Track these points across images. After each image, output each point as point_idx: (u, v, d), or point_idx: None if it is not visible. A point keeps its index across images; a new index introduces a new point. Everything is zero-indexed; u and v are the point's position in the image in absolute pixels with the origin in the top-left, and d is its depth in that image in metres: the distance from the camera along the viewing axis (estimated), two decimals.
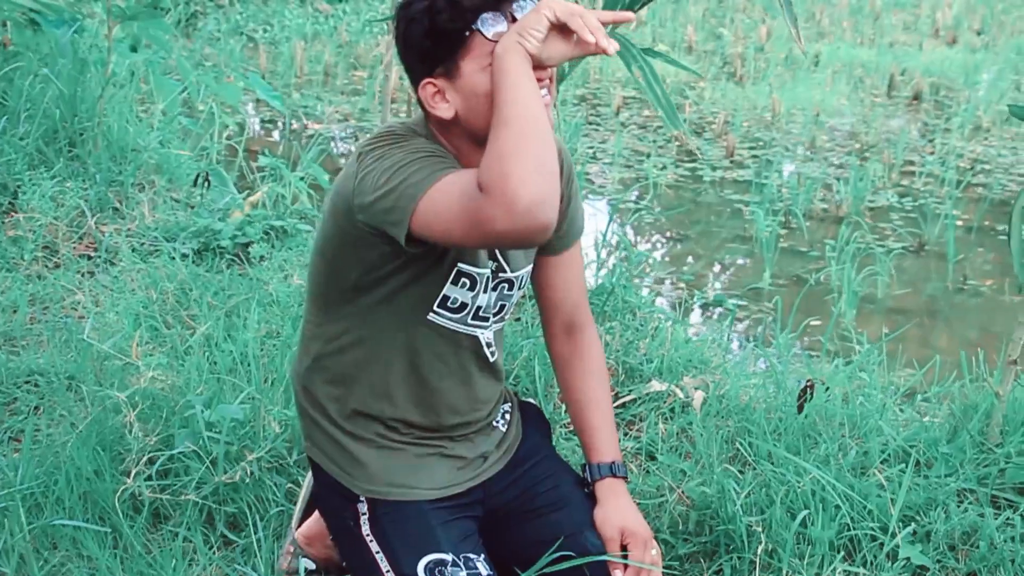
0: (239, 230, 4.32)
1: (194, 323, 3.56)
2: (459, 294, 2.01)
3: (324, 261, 2.07)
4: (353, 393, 2.10)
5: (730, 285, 5.66)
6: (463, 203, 1.68)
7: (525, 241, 1.67)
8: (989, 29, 13.12)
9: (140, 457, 2.77)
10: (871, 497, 2.51)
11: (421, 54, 1.88)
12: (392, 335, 2.04)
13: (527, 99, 1.71)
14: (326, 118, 8.72)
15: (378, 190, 1.80)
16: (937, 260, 6.08)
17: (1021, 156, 8.12)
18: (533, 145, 1.66)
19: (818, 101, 9.32)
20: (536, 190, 1.61)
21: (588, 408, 2.29)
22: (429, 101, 1.89)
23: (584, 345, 2.31)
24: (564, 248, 2.25)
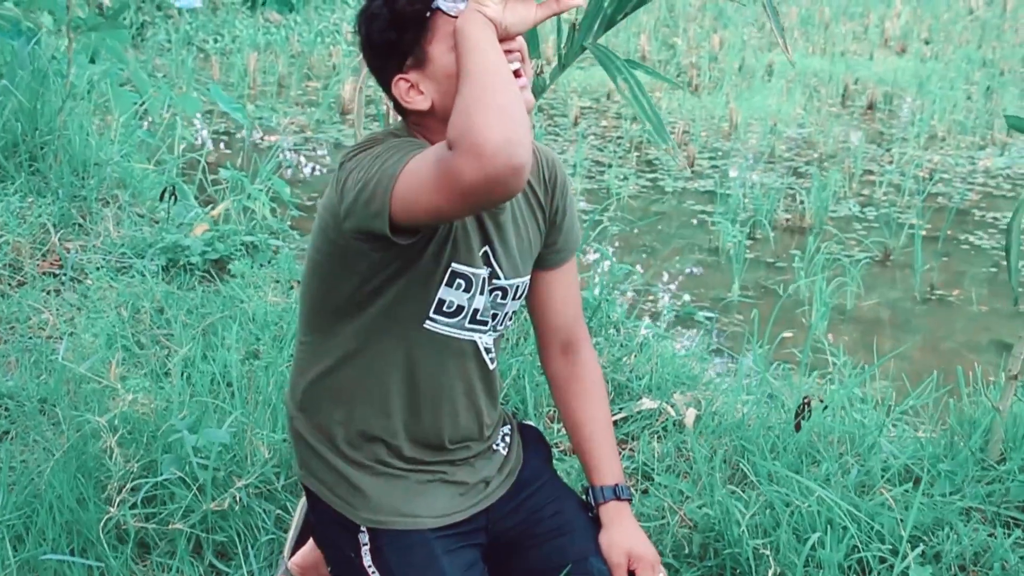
0: (209, 246, 4.23)
1: (170, 343, 3.46)
2: (455, 296, 1.96)
3: (317, 281, 2.01)
4: (353, 413, 2.03)
5: (699, 297, 5.64)
6: (436, 167, 1.63)
7: (500, 188, 1.58)
8: (936, 39, 13.27)
9: (123, 484, 2.68)
10: (877, 517, 2.48)
11: (387, 49, 1.85)
12: (389, 347, 1.98)
13: (487, 55, 1.68)
14: (282, 129, 8.61)
15: (357, 185, 1.75)
16: (903, 270, 6.10)
17: (977, 165, 8.20)
18: (496, 94, 1.61)
19: (774, 111, 9.36)
20: (501, 131, 1.56)
21: (589, 429, 2.24)
22: (404, 97, 1.86)
23: (582, 364, 2.26)
24: (561, 262, 2.20)
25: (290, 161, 7.93)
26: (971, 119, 9.38)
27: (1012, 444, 2.74)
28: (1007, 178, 7.94)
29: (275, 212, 5.34)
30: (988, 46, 12.84)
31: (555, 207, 2.15)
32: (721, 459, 2.83)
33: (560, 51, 3.56)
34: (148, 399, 2.89)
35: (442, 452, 2.08)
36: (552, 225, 2.15)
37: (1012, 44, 13.06)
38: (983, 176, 7.95)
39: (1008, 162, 8.31)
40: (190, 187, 5.51)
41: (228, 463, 2.73)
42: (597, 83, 10.23)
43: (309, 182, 7.40)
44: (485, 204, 1.67)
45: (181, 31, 11.34)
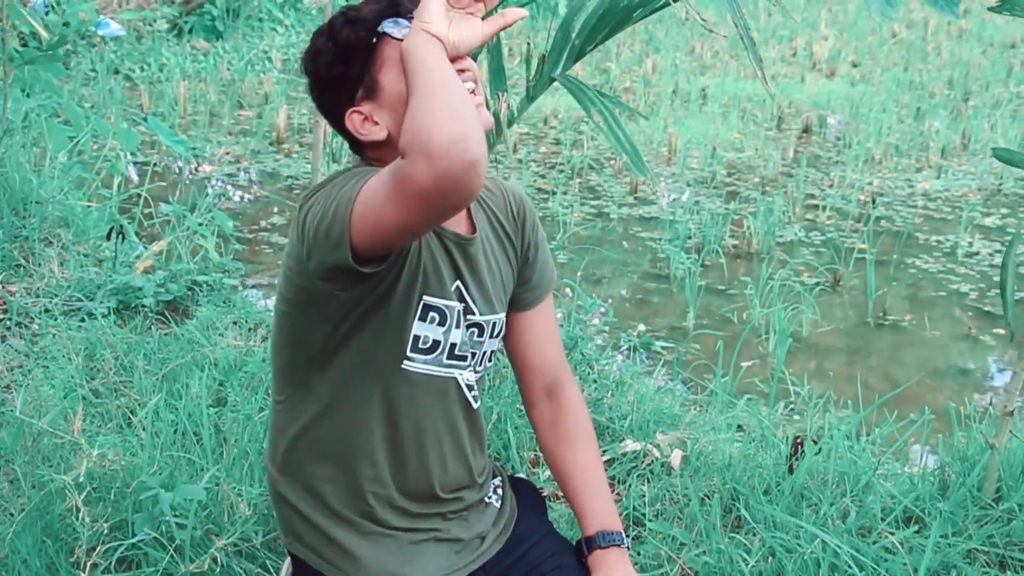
0: (161, 287, 4.09)
1: (130, 391, 3.32)
2: (429, 331, 1.88)
3: (286, 335, 1.93)
4: (339, 467, 1.93)
5: (654, 326, 5.58)
6: (390, 179, 1.56)
7: (456, 187, 1.50)
8: (863, 62, 13.45)
9: (92, 546, 2.55)
10: (882, 562, 2.42)
11: (336, 83, 1.81)
12: (368, 394, 1.89)
13: (433, 67, 1.62)
14: (217, 160, 8.44)
15: (317, 217, 1.69)
16: (853, 295, 6.11)
17: (916, 188, 8.28)
18: (444, 95, 1.55)
19: (712, 135, 9.39)
20: (451, 128, 1.49)
21: (578, 476, 2.14)
22: (359, 129, 1.82)
23: (567, 407, 2.17)
24: (537, 300, 2.13)
25: (227, 192, 7.76)
26: (905, 141, 9.49)
27: (1010, 483, 2.69)
28: (946, 201, 8.03)
29: (218, 246, 5.20)
30: (914, 68, 13.04)
31: (527, 242, 2.09)
32: (714, 504, 2.76)
33: (528, 83, 3.50)
34: (117, 454, 2.75)
35: (435, 503, 1.99)
36: (525, 262, 2.10)
37: (937, 66, 13.27)
38: (923, 199, 8.03)
39: (946, 184, 8.41)
40: (131, 223, 5.36)
41: (204, 520, 2.60)
42: (533, 109, 10.18)
43: (248, 213, 7.24)
44: (445, 207, 1.58)
45: (106, 59, 11.10)
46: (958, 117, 10.55)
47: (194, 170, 8.20)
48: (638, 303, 5.97)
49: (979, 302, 6.08)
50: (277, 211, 7.16)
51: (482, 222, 2.01)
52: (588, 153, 8.80)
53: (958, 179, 8.60)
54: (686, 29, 14.85)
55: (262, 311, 4.15)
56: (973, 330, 5.70)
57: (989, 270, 6.60)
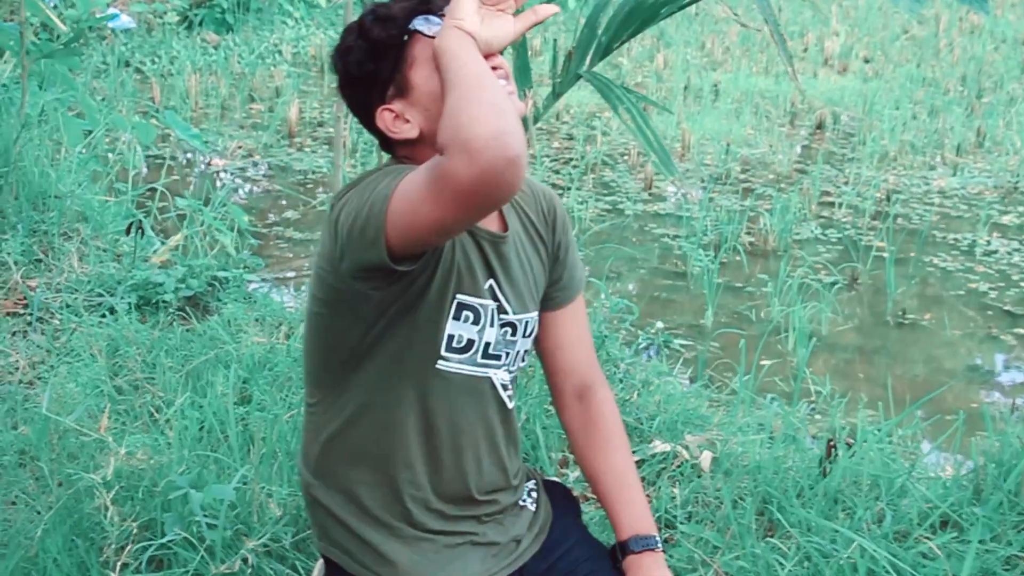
0: (182, 282, 4.06)
1: (153, 388, 3.29)
2: (463, 330, 1.86)
3: (319, 336, 1.91)
4: (375, 469, 1.91)
5: (672, 324, 5.55)
6: (428, 176, 1.55)
7: (497, 184, 1.48)
8: (876, 58, 13.40)
9: (121, 546, 2.53)
10: (920, 568, 2.39)
11: (367, 81, 1.81)
12: (403, 395, 1.87)
13: (469, 63, 1.62)
14: (229, 153, 8.41)
15: (351, 216, 1.68)
16: (872, 294, 6.08)
17: (932, 186, 8.24)
18: (482, 91, 1.55)
19: (726, 131, 9.35)
20: (491, 124, 1.48)
21: (611, 479, 2.11)
22: (390, 127, 1.81)
23: (598, 409, 2.14)
24: (568, 300, 2.11)
25: (240, 187, 7.74)
26: (920, 139, 9.44)
27: None
28: (962, 198, 7.99)
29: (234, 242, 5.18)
30: (927, 64, 12.99)
31: (557, 242, 2.08)
32: (748, 507, 2.73)
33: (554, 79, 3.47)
34: (145, 453, 2.73)
35: (470, 505, 1.97)
36: (555, 260, 2.08)
37: (950, 62, 13.22)
38: (939, 197, 7.99)
39: (962, 182, 8.37)
40: (147, 218, 5.34)
41: (233, 521, 2.58)
42: None
43: (261, 208, 7.22)
44: (485, 204, 1.56)
45: (117, 52, 11.07)
46: (972, 114, 10.51)
47: (206, 164, 8.18)
48: (655, 300, 5.93)
49: (999, 301, 6.04)
50: (290, 206, 7.13)
51: (513, 221, 1.99)
52: (602, 149, 8.77)
53: (974, 177, 8.56)
54: (697, 24, 14.81)
55: (284, 307, 4.13)
56: (994, 329, 5.67)
57: (1008, 269, 6.57)
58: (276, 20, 13.20)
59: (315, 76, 11.54)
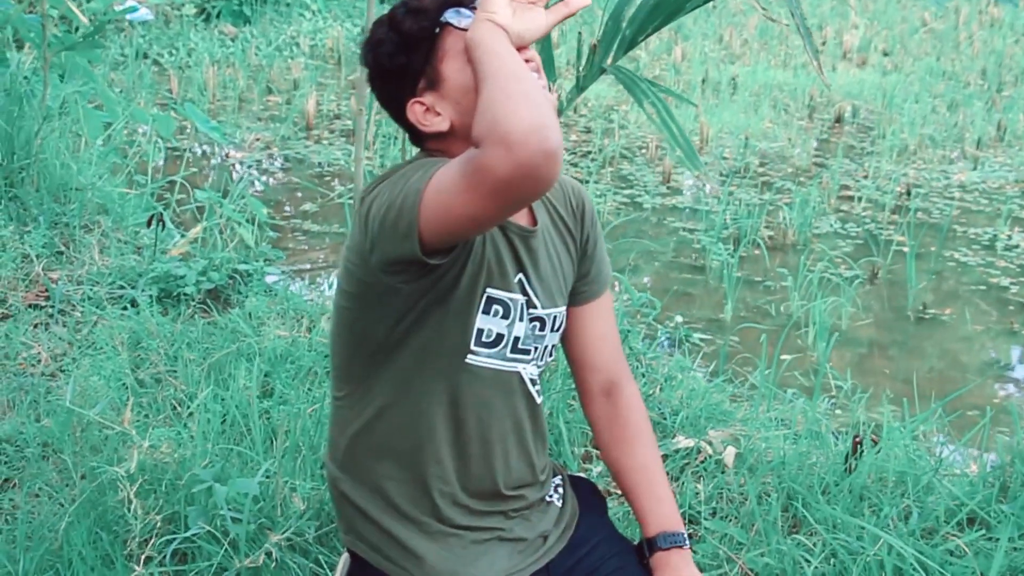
0: (203, 275, 4.06)
1: (175, 381, 3.29)
2: (493, 324, 1.85)
3: (347, 330, 1.90)
4: (403, 464, 1.90)
5: (691, 319, 5.54)
6: (463, 169, 1.54)
7: (534, 178, 1.48)
8: (895, 51, 13.34)
9: (145, 539, 2.53)
10: (947, 565, 2.38)
11: (398, 74, 1.80)
12: (432, 389, 1.86)
13: (504, 56, 1.62)
14: (247, 146, 8.42)
15: (383, 209, 1.66)
16: (892, 288, 6.05)
17: (952, 180, 8.20)
18: (518, 87, 1.54)
19: (744, 125, 9.32)
20: (529, 119, 1.47)
21: (638, 475, 2.10)
22: (421, 120, 1.80)
23: (626, 405, 2.12)
24: (596, 295, 2.09)
25: (259, 179, 7.75)
26: (940, 132, 9.40)
27: None
28: (983, 193, 7.95)
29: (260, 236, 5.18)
30: (947, 58, 12.92)
31: (586, 235, 2.06)
32: (774, 503, 2.72)
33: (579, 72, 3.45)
34: (168, 447, 2.73)
35: (498, 501, 1.96)
36: (584, 255, 2.06)
37: (969, 56, 13.15)
38: (959, 191, 7.95)
39: (982, 176, 8.33)
40: (167, 211, 5.34)
41: (257, 515, 2.57)
42: None
43: (279, 200, 7.22)
44: (521, 197, 1.55)
45: (135, 44, 11.09)
46: (992, 108, 10.45)
47: (224, 156, 8.19)
48: (674, 294, 5.92)
49: (1020, 296, 6.01)
50: (308, 198, 7.13)
51: (542, 215, 1.97)
52: (620, 142, 8.74)
53: (995, 171, 8.52)
54: (715, 17, 14.75)
55: (305, 300, 4.13)
56: (1015, 325, 5.64)
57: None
58: (294, 12, 13.21)
59: (332, 68, 11.55)
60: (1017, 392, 4.94)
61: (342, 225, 6.46)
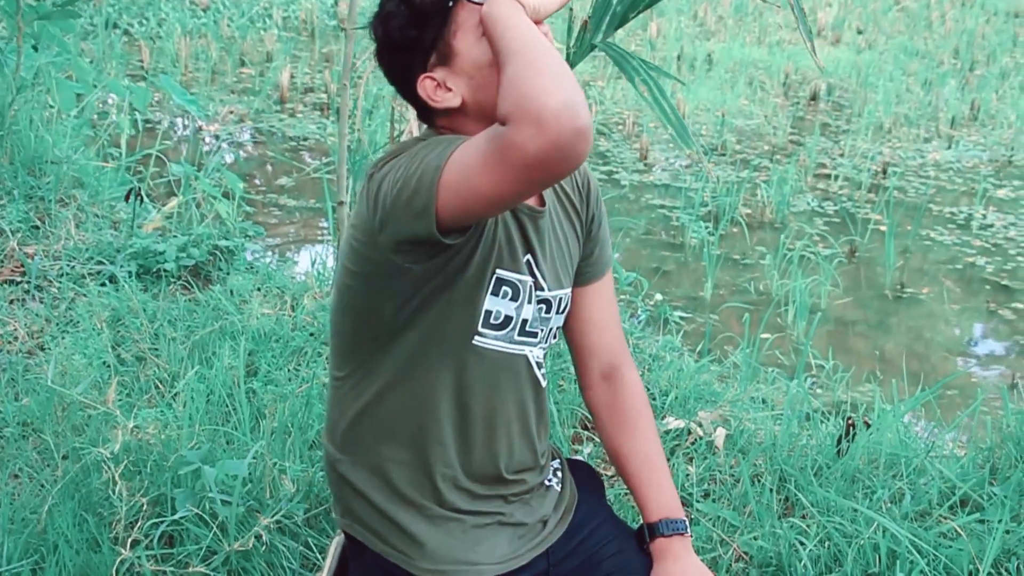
0: (183, 251, 4.00)
1: (158, 359, 3.24)
2: (502, 306, 1.81)
3: (351, 310, 1.85)
4: (406, 445, 1.87)
5: (670, 296, 5.52)
6: (488, 146, 1.50)
7: (565, 156, 1.45)
8: (869, 29, 13.36)
9: (131, 522, 2.49)
10: (941, 548, 2.37)
11: (408, 48, 1.75)
12: (437, 370, 1.82)
13: (526, 31, 1.58)
14: (220, 119, 8.33)
15: (396, 187, 1.62)
16: (870, 267, 6.06)
17: (927, 159, 8.22)
18: (544, 62, 1.50)
19: (720, 102, 9.30)
20: (559, 94, 1.44)
21: (639, 460, 2.07)
22: (431, 96, 1.75)
23: (626, 390, 2.09)
24: (598, 275, 2.06)
25: (233, 152, 7.66)
26: (915, 111, 9.42)
27: None
28: (957, 172, 7.98)
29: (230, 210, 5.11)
30: (919, 36, 12.96)
31: (591, 215, 2.03)
32: (766, 485, 2.71)
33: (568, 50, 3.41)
34: (155, 427, 2.68)
35: (499, 485, 1.93)
36: (589, 235, 2.03)
37: (942, 35, 13.20)
38: (934, 169, 7.97)
39: (957, 155, 8.36)
40: (142, 184, 5.27)
41: (245, 497, 2.54)
42: None
43: (254, 174, 7.15)
44: (551, 177, 1.52)
45: (104, 14, 10.93)
46: (966, 87, 10.49)
47: (198, 129, 8.09)
48: (653, 272, 5.90)
49: (996, 275, 6.04)
50: (283, 172, 7.06)
51: (549, 195, 1.94)
52: (596, 118, 8.70)
53: (969, 150, 8.55)
54: None
55: (289, 278, 4.08)
56: (992, 304, 5.66)
57: (1004, 243, 6.56)
58: None
59: (306, 41, 11.44)
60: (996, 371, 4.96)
61: (318, 200, 6.40)
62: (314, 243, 5.88)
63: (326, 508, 2.62)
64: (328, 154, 7.32)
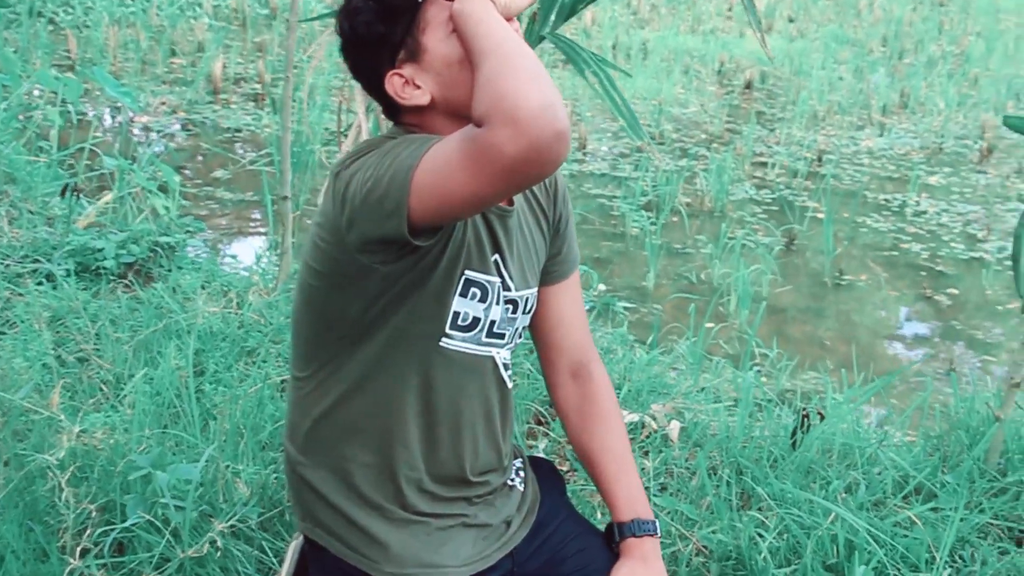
0: (122, 248, 3.91)
1: (102, 361, 3.17)
2: (470, 307, 1.79)
3: (314, 309, 1.81)
4: (370, 447, 1.83)
5: (614, 286, 5.53)
6: (464, 146, 1.47)
7: (544, 158, 1.42)
8: (800, 17, 13.48)
9: (81, 530, 2.43)
10: (898, 537, 2.39)
11: (376, 44, 1.71)
12: (404, 371, 1.79)
13: (500, 30, 1.55)
14: (152, 110, 8.18)
15: (365, 186, 1.58)
16: (809, 255, 6.11)
17: (860, 146, 8.31)
18: (520, 61, 1.47)
19: (657, 90, 9.33)
20: (538, 96, 1.41)
21: (608, 460, 2.06)
22: (399, 93, 1.71)
23: (594, 389, 2.08)
24: (566, 274, 2.05)
25: (167, 144, 7.54)
26: (847, 99, 9.52)
27: (1017, 455, 2.68)
28: (890, 159, 8.08)
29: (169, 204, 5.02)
30: (849, 25, 13.11)
31: (558, 213, 2.01)
32: (723, 478, 2.71)
33: None
34: (105, 432, 2.62)
35: (463, 487, 1.91)
36: (556, 233, 2.01)
37: (870, 23, 13.35)
38: (868, 157, 8.06)
39: (889, 142, 8.46)
40: (75, 179, 5.16)
41: (198, 502, 2.49)
42: None
43: (190, 167, 7.03)
44: (527, 179, 1.49)
45: (27, 1, 10.68)
46: (895, 75, 10.62)
47: (130, 120, 7.94)
48: (594, 263, 5.90)
49: (931, 261, 6.12)
50: (219, 164, 6.96)
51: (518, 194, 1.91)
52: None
53: (900, 137, 8.66)
54: None
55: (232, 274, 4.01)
56: (928, 290, 5.73)
57: (938, 229, 6.66)
58: None
59: (237, 30, 11.28)
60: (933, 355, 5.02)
61: (255, 192, 6.31)
62: (253, 236, 5.80)
63: (280, 511, 2.58)
64: (263, 145, 7.22)
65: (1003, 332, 5.33)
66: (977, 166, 8.06)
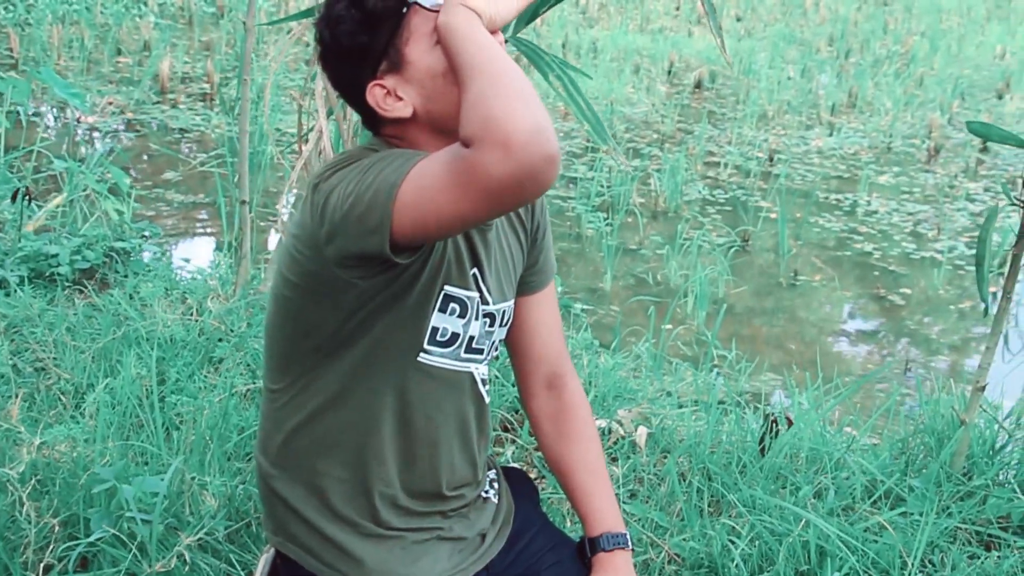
0: (77, 254, 3.85)
1: (60, 370, 3.11)
2: (449, 323, 1.76)
3: (289, 321, 1.78)
4: (344, 462, 1.80)
5: (571, 288, 5.53)
6: (451, 167, 1.44)
7: (533, 182, 1.39)
8: (747, 16, 13.57)
9: (43, 546, 2.38)
10: (869, 543, 2.40)
11: (358, 54, 1.67)
12: (380, 386, 1.77)
13: (487, 46, 1.52)
14: (99, 111, 8.06)
15: (347, 201, 1.55)
16: (763, 255, 6.15)
17: (811, 146, 8.38)
18: (510, 81, 1.44)
19: (608, 90, 9.34)
20: (529, 119, 1.39)
21: (582, 473, 2.04)
22: (381, 105, 1.68)
23: (569, 401, 2.07)
24: (542, 284, 2.03)
25: (114, 146, 7.43)
26: (796, 99, 9.60)
27: (982, 458, 2.71)
28: (840, 159, 8.15)
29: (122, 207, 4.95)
30: (796, 24, 13.21)
31: (536, 224, 1.99)
32: (693, 484, 2.71)
33: None
34: (68, 444, 2.57)
35: (438, 501, 1.88)
36: (534, 244, 1.99)
37: (817, 22, 13.47)
38: (818, 156, 8.13)
39: (839, 142, 8.54)
40: (24, 182, 5.06)
41: (164, 515, 2.44)
42: None
43: (139, 168, 6.94)
44: (516, 202, 1.46)
45: None
46: (843, 74, 10.72)
47: (76, 121, 7.82)
48: None
49: (883, 261, 6.17)
50: (169, 166, 6.87)
51: None
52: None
53: (849, 137, 8.75)
54: None
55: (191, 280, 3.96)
56: (881, 289, 5.79)
57: (889, 229, 6.72)
58: None
59: (184, 28, 11.16)
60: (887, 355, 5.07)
61: (207, 195, 6.24)
62: (206, 238, 5.74)
63: (248, 523, 2.54)
64: (213, 146, 7.14)
65: (956, 332, 5.40)
66: (925, 165, 8.16)
